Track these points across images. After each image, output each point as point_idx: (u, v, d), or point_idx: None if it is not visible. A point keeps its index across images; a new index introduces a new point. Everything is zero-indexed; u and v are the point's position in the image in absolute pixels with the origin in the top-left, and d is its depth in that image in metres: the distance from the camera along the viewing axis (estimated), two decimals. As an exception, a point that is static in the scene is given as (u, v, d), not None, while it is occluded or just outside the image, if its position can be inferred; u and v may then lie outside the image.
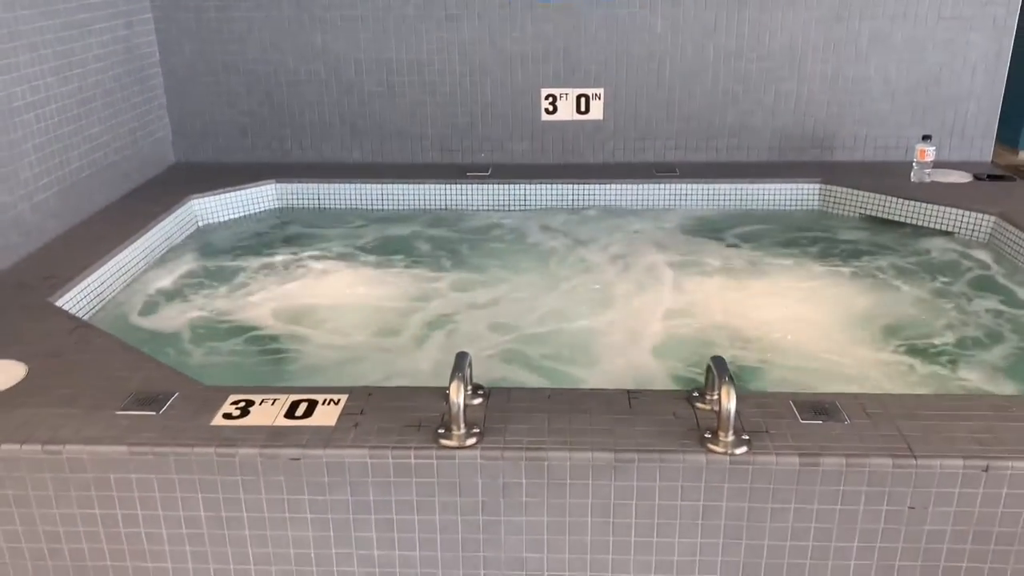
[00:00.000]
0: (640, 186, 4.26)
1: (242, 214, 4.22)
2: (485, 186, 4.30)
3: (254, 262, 3.67)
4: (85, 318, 2.94)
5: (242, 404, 2.16)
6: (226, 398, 2.19)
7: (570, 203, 4.28)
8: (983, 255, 3.59)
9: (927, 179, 4.10)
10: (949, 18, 4.28)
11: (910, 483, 1.93)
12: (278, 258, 3.72)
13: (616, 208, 4.24)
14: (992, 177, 4.19)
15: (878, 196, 4.01)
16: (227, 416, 2.11)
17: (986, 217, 3.70)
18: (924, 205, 3.88)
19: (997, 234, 3.64)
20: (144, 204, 3.92)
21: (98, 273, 3.19)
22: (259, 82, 4.54)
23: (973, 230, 3.74)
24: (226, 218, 4.17)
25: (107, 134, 3.93)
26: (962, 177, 4.17)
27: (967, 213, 3.76)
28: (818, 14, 4.31)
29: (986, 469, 1.91)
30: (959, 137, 4.47)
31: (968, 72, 4.37)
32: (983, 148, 4.49)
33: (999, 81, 4.38)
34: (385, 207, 4.32)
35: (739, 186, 4.24)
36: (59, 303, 2.91)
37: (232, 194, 4.21)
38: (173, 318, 3.16)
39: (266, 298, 3.34)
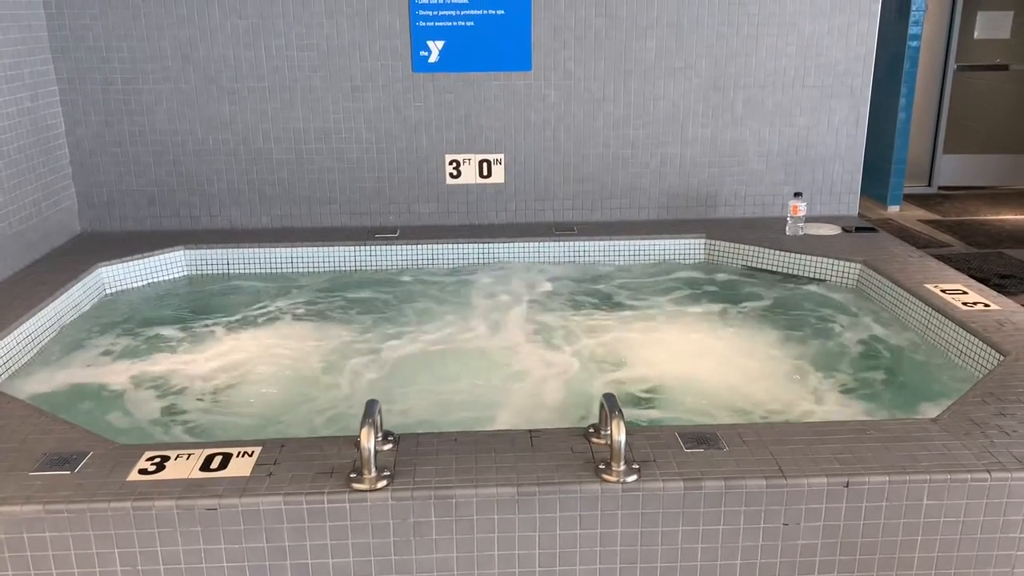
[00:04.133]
0: (541, 244, 4.50)
1: (150, 280, 4.25)
2: (393, 247, 4.46)
3: (163, 327, 3.71)
4: (-9, 386, 2.94)
5: (157, 460, 2.22)
6: (141, 455, 2.25)
7: (475, 261, 4.47)
8: (851, 298, 3.94)
9: (801, 232, 4.48)
10: (812, 86, 4.73)
11: (782, 501, 2.14)
12: (188, 322, 3.77)
13: (519, 265, 4.46)
14: (859, 229, 4.60)
15: (757, 248, 4.35)
16: (143, 472, 2.17)
17: (853, 265, 4.07)
18: (798, 256, 4.23)
19: (863, 280, 4.00)
20: (50, 273, 3.92)
21: (4, 341, 3.17)
22: (167, 152, 4.62)
23: (842, 277, 4.09)
24: (134, 285, 4.19)
25: (11, 204, 3.94)
26: (832, 230, 4.56)
27: (836, 262, 4.12)
28: (697, 84, 4.70)
29: (847, 485, 2.14)
30: (828, 193, 4.89)
31: (832, 135, 4.82)
32: (849, 203, 4.93)
33: (859, 143, 4.84)
34: (295, 270, 4.42)
35: (632, 242, 4.52)
36: (-36, 372, 2.90)
37: (140, 261, 4.23)
38: (83, 384, 3.16)
39: (176, 360, 3.38)
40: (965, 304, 3.36)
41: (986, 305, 3.35)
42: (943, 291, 3.52)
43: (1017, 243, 5.80)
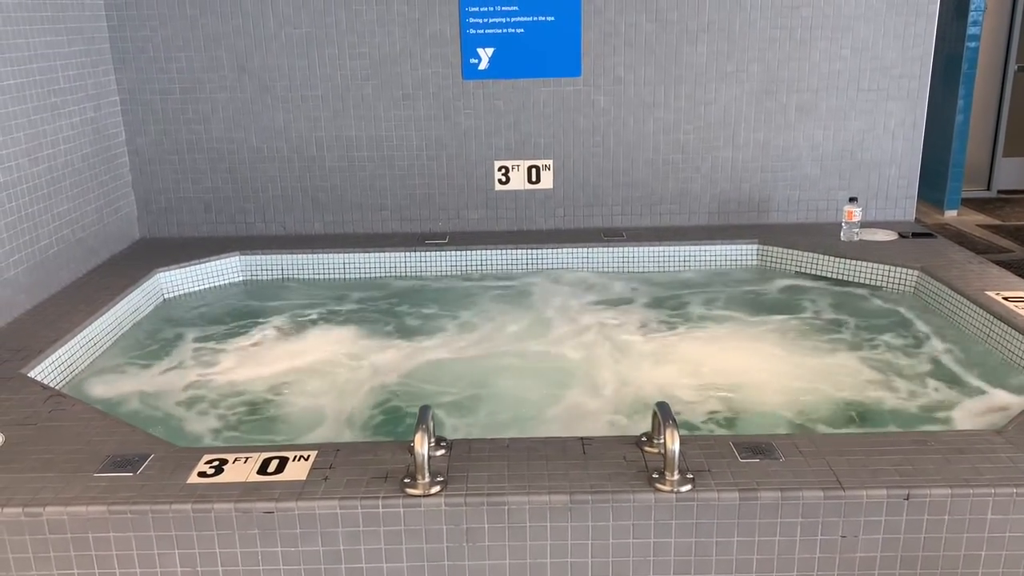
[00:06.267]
0: (589, 250, 4.49)
1: (207, 286, 4.34)
2: (443, 253, 4.49)
3: (219, 331, 3.78)
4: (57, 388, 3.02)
5: (216, 463, 2.27)
6: (200, 457, 2.30)
7: (524, 267, 4.48)
8: (908, 306, 3.85)
9: (856, 238, 4.40)
10: (868, 90, 4.65)
11: (840, 513, 2.11)
12: (243, 327, 3.84)
13: (568, 271, 4.45)
14: (915, 235, 4.50)
15: (811, 255, 4.28)
16: (202, 474, 2.22)
17: (910, 272, 3.98)
18: (854, 262, 4.15)
19: (920, 287, 3.91)
20: (111, 278, 4.02)
21: (68, 345, 3.27)
22: (222, 159, 4.72)
23: (899, 284, 4.01)
24: (191, 290, 4.29)
25: (75, 212, 4.06)
26: (888, 235, 4.47)
27: (893, 268, 4.04)
28: (749, 88, 4.65)
29: (907, 497, 2.09)
30: (883, 198, 4.79)
31: (888, 139, 4.72)
32: (906, 208, 4.82)
33: (916, 147, 4.74)
34: (347, 275, 4.48)
35: (682, 248, 4.48)
36: (31, 375, 2.99)
37: (197, 267, 4.33)
38: (141, 388, 3.24)
39: (232, 365, 3.44)
40: (1029, 312, 3.27)
41: (1051, 313, 3.25)
42: (1005, 298, 3.43)
43: (1082, 249, 5.61)
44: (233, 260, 4.45)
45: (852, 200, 4.42)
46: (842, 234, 4.42)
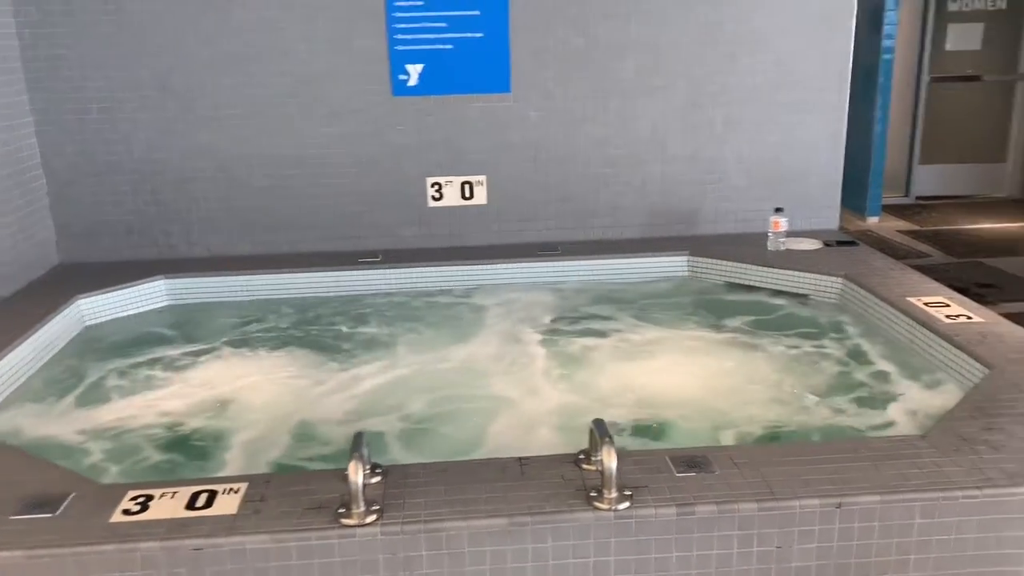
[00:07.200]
0: (524, 265, 4.50)
1: (131, 312, 4.20)
2: (376, 271, 4.44)
3: (144, 359, 3.66)
4: (-31, 426, 2.88)
5: (141, 499, 2.18)
6: (125, 494, 2.21)
7: (459, 284, 4.46)
8: (834, 313, 3.95)
9: (782, 247, 4.50)
10: (789, 103, 4.77)
11: (775, 524, 2.13)
12: (169, 353, 3.72)
13: (503, 287, 4.44)
14: (839, 243, 4.63)
15: (739, 265, 4.36)
16: (127, 512, 2.13)
17: (834, 279, 4.09)
18: (780, 271, 4.24)
19: (845, 293, 4.02)
20: (28, 306, 3.85)
21: (-19, 379, 3.13)
22: (145, 181, 4.58)
23: (824, 291, 4.11)
24: (114, 316, 4.13)
25: (-13, 238, 3.89)
26: (813, 244, 4.58)
27: (818, 276, 4.14)
28: (676, 102, 4.72)
29: (839, 506, 2.13)
30: (808, 208, 4.92)
31: (811, 150, 4.85)
32: (829, 217, 4.96)
33: (838, 157, 4.88)
34: (278, 297, 4.38)
35: (615, 261, 4.53)
36: (-60, 412, 2.84)
37: (120, 292, 4.18)
38: (63, 421, 3.11)
39: (159, 394, 3.33)
40: (948, 317, 3.38)
41: (968, 317, 3.37)
42: (926, 304, 3.54)
43: (994, 252, 5.86)
44: (158, 284, 4.31)
45: (778, 210, 4.52)
46: (769, 244, 4.52)
